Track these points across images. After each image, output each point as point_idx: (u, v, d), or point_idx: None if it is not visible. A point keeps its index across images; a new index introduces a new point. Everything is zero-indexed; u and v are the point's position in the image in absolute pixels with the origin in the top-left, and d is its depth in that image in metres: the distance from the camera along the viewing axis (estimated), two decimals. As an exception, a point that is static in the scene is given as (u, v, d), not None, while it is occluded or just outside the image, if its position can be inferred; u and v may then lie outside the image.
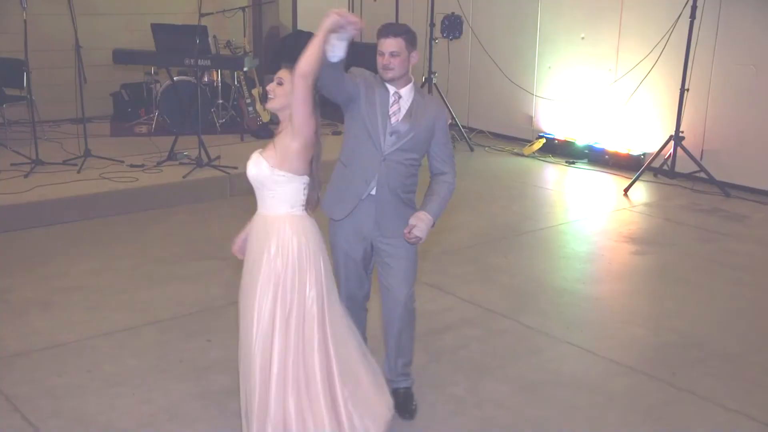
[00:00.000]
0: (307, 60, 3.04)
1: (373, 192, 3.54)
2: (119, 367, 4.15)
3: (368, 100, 3.47)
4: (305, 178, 3.18)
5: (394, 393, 3.67)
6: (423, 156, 3.60)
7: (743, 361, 4.34)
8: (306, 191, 3.20)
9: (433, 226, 3.55)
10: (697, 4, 7.31)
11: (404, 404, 3.74)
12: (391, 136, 3.49)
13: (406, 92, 3.53)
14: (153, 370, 4.12)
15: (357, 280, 3.75)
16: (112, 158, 7.43)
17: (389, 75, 3.45)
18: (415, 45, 3.50)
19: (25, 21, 6.77)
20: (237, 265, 5.52)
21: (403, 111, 3.50)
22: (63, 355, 4.27)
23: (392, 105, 3.50)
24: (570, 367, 4.26)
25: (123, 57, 8.19)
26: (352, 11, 11.47)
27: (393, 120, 3.49)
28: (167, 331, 4.57)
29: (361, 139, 3.51)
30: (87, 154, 7.27)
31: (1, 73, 8.11)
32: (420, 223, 3.49)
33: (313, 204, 3.26)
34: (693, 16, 7.33)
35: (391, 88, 3.51)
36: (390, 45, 3.40)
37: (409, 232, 3.49)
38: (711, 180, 7.57)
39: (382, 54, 3.43)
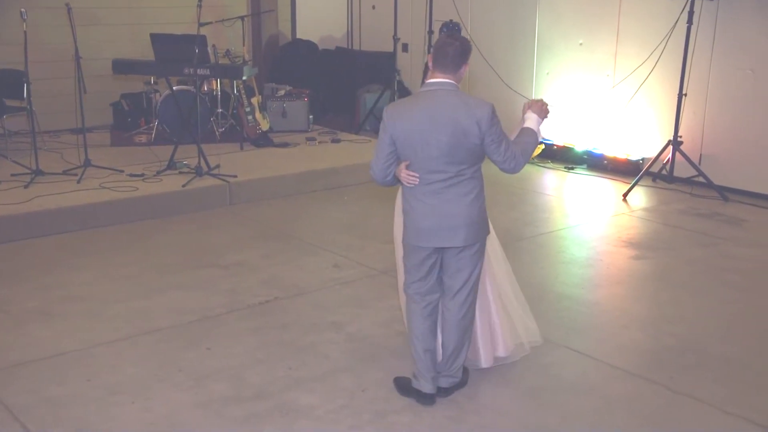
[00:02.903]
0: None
1: None
2: (119, 375, 4.16)
3: None
4: None
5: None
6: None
7: (742, 365, 4.34)
8: None
9: None
10: (694, 10, 7.34)
11: None
12: None
13: None
14: (152, 379, 4.13)
15: None
16: (112, 168, 7.46)
17: None
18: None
19: (25, 32, 6.81)
20: (237, 274, 5.57)
21: None
22: (63, 364, 4.28)
23: None
24: (569, 372, 4.27)
25: (122, 67, 8.22)
26: (351, 19, 11.53)
27: None
28: (167, 340, 4.58)
29: None
30: (87, 164, 7.30)
31: (1, 85, 8.15)
32: None
33: None
34: (690, 22, 7.35)
35: None
36: None
37: None
38: (709, 184, 7.58)
39: None
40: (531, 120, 3.81)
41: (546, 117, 3.84)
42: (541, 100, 3.86)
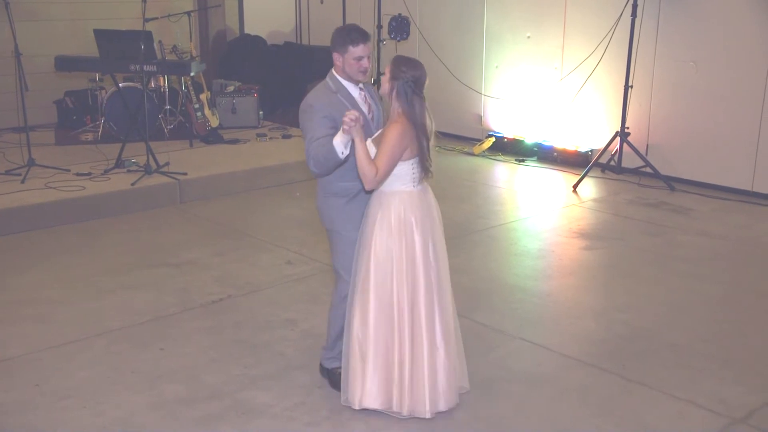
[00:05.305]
0: (370, 169, 3.47)
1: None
2: (69, 380, 4.07)
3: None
4: (412, 160, 3.60)
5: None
6: None
7: (690, 351, 4.44)
8: (415, 170, 3.62)
9: None
10: (638, 3, 7.46)
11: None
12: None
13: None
14: (104, 382, 4.05)
15: None
16: (58, 167, 7.29)
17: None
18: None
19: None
20: (189, 273, 5.50)
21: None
22: (10, 369, 4.18)
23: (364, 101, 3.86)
24: (523, 364, 4.31)
25: (65, 64, 8.01)
26: (299, 13, 11.45)
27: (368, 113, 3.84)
28: (119, 342, 4.50)
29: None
30: (31, 163, 7.12)
31: (-62, 83, 7.91)
32: None
33: (426, 175, 3.67)
34: (634, 15, 7.47)
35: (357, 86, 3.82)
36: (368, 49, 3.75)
37: None
38: (656, 174, 7.73)
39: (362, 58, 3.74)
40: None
41: (346, 131, 3.46)
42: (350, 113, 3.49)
